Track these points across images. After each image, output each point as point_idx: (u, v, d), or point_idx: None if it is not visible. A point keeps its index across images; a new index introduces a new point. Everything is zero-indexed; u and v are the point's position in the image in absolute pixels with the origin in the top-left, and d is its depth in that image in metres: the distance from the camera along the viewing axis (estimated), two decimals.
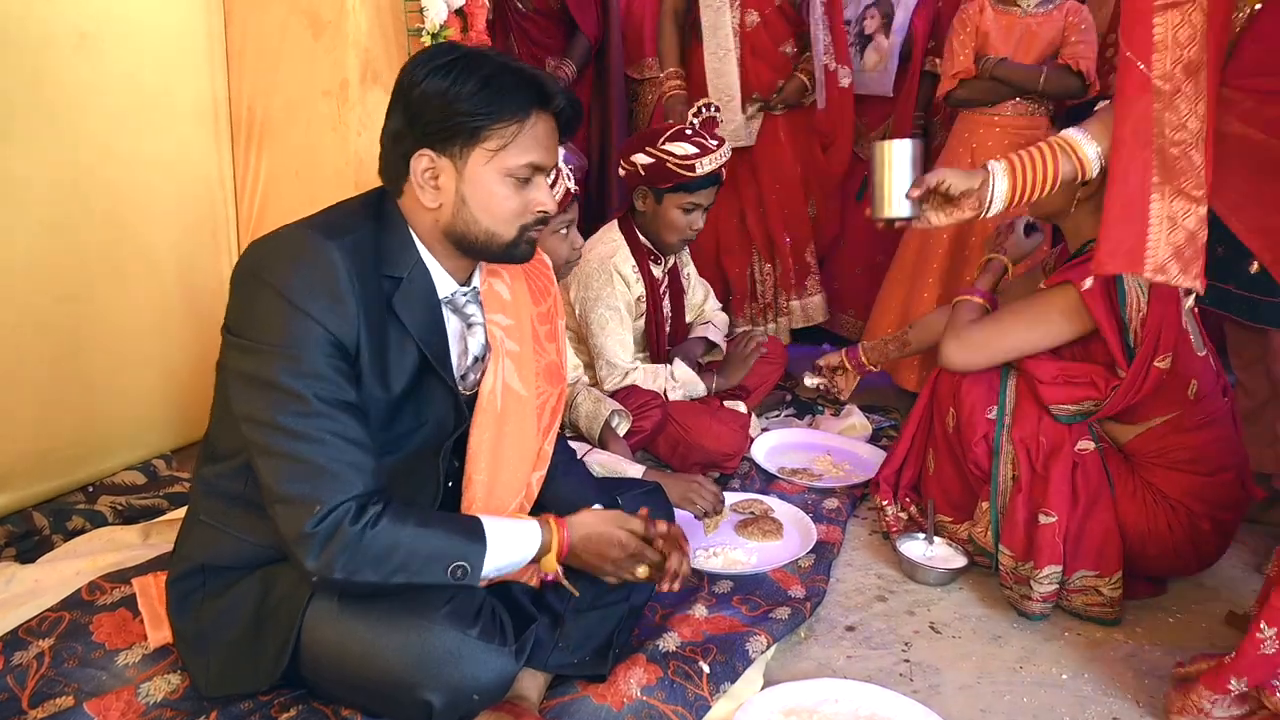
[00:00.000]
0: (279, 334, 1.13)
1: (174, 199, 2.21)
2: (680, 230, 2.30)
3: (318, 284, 1.14)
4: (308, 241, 1.17)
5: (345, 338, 1.16)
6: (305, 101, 2.23)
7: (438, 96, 1.18)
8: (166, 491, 2.07)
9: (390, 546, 1.13)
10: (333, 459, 1.12)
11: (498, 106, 1.19)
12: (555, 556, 1.29)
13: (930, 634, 1.69)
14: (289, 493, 1.12)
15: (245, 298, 1.18)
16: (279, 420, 1.11)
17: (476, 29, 2.25)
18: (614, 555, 1.32)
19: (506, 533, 1.24)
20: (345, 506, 1.12)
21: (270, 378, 1.12)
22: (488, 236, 1.26)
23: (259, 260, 1.18)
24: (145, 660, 1.41)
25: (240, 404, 1.16)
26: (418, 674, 1.16)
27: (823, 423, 2.69)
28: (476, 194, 1.23)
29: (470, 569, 1.18)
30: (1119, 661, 1.61)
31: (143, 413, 2.20)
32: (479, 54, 1.22)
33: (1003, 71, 2.65)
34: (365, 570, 1.13)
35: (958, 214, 1.54)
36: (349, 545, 1.11)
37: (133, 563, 1.67)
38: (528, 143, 1.23)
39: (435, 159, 1.22)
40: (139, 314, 2.15)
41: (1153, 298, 1.70)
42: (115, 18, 2.01)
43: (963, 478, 1.91)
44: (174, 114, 2.19)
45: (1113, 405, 1.74)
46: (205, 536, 1.30)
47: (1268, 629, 1.29)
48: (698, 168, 2.20)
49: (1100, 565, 1.72)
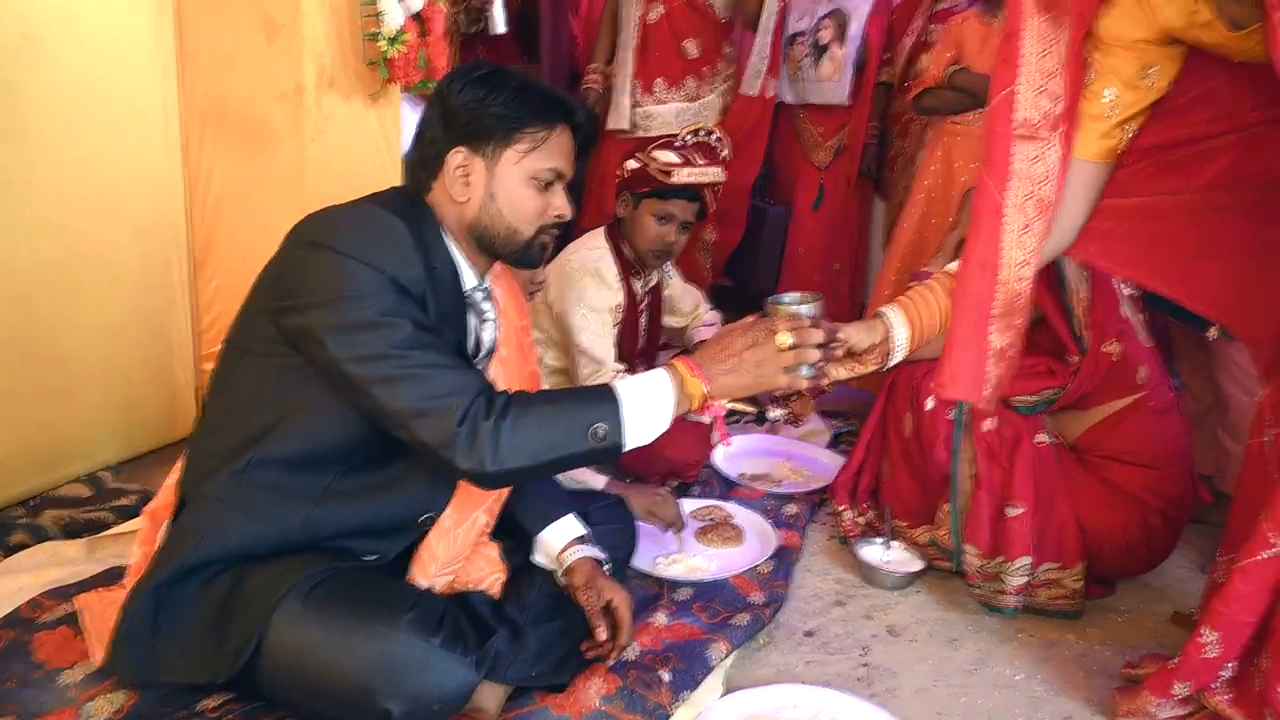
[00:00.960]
0: (359, 283, 1.18)
1: (125, 203, 2.16)
2: (652, 240, 2.28)
3: (388, 245, 1.21)
4: (373, 213, 1.24)
5: (415, 290, 1.23)
6: (260, 105, 2.20)
7: (474, 102, 1.29)
8: (113, 505, 2.01)
9: (526, 429, 1.17)
10: (448, 367, 1.19)
11: (529, 112, 1.31)
12: (695, 379, 1.26)
13: (888, 638, 1.71)
14: (423, 406, 1.16)
15: (299, 267, 1.22)
16: (386, 349, 1.16)
17: (434, 34, 2.24)
18: (746, 353, 1.26)
19: (634, 386, 1.25)
20: (477, 404, 1.16)
21: (363, 318, 1.17)
22: (509, 233, 1.34)
23: (317, 229, 1.24)
24: (88, 680, 1.36)
25: (341, 351, 1.18)
26: (378, 681, 1.14)
27: (782, 429, 2.71)
28: (504, 191, 1.32)
29: (610, 428, 1.20)
30: (1071, 661, 1.64)
31: (90, 423, 2.14)
32: (508, 71, 1.35)
33: (961, 80, 2.72)
34: (513, 457, 1.17)
35: (861, 368, 1.52)
36: (490, 437, 1.15)
37: (76, 579, 1.62)
38: (553, 149, 1.34)
39: (469, 156, 1.31)
40: (87, 320, 2.10)
41: (1093, 288, 1.75)
42: (62, 20, 1.96)
43: (919, 483, 1.94)
44: (125, 117, 2.14)
45: (1072, 393, 1.79)
46: (216, 510, 1.27)
47: (1209, 634, 1.30)
48: (674, 175, 2.21)
49: (1062, 557, 1.76)
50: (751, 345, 1.26)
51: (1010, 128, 1.34)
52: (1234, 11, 1.26)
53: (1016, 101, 1.34)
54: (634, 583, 1.79)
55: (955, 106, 2.78)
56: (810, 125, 3.43)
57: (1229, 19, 1.27)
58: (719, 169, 2.29)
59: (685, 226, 2.31)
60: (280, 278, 1.25)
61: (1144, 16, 1.33)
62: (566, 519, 1.51)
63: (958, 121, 2.79)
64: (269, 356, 1.25)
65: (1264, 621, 1.26)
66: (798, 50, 3.34)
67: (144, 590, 1.26)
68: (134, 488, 2.10)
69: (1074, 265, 1.75)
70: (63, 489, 2.05)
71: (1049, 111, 1.35)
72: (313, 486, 1.28)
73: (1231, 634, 1.28)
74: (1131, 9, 1.34)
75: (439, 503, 1.38)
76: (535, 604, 1.44)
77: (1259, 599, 1.26)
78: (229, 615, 1.22)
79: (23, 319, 1.95)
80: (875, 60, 3.23)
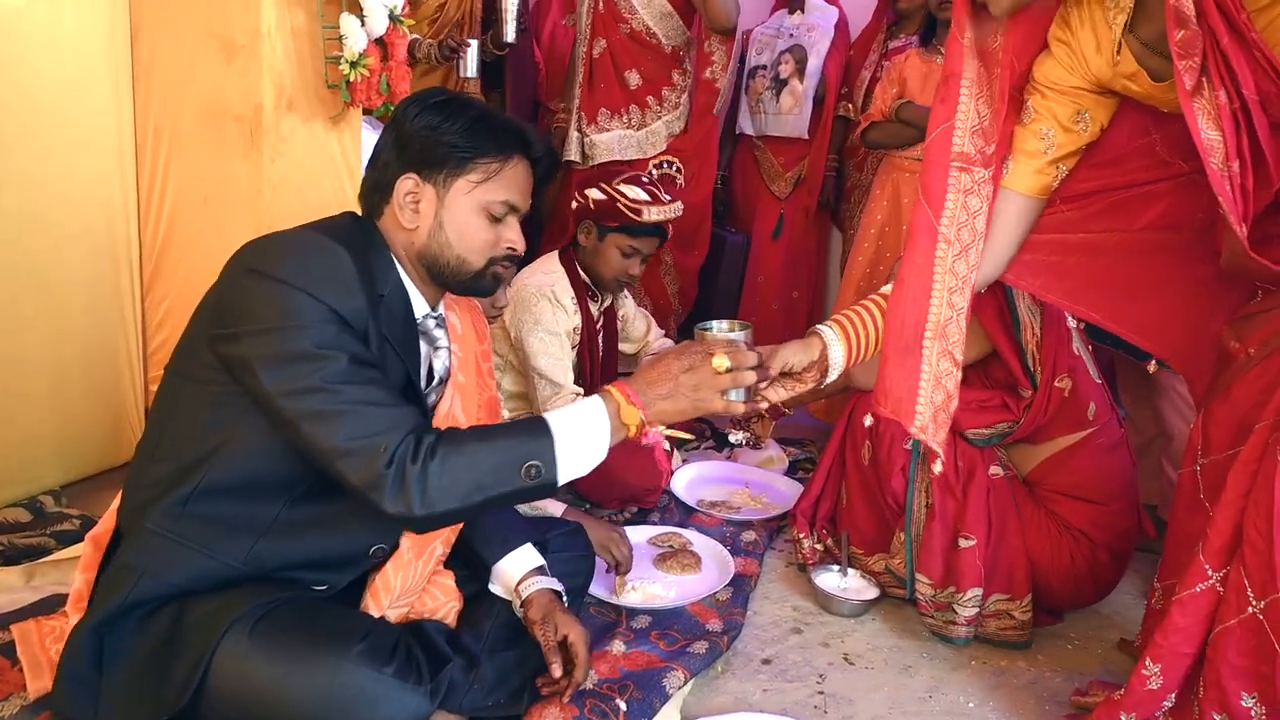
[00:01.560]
0: (299, 313, 1.14)
1: (73, 223, 2.11)
2: (616, 270, 2.32)
3: (327, 276, 1.17)
4: (317, 241, 1.20)
5: (356, 324, 1.18)
6: (215, 125, 2.17)
7: (429, 129, 1.27)
8: (54, 530, 1.95)
9: (455, 470, 1.12)
10: (381, 404, 1.14)
11: (484, 142, 1.28)
12: (631, 407, 1.21)
13: (844, 665, 1.71)
14: (350, 445, 1.11)
15: (242, 294, 1.17)
16: (319, 382, 1.12)
17: (396, 59, 2.24)
18: (683, 377, 1.23)
19: (569, 418, 1.20)
20: (405, 444, 1.12)
21: (298, 349, 1.13)
22: (458, 263, 1.31)
23: (259, 256, 1.19)
24: (24, 713, 1.31)
25: (272, 384, 1.13)
26: (329, 714, 1.11)
27: (741, 455, 2.72)
28: (453, 221, 1.29)
29: (543, 464, 1.16)
30: (1022, 689, 1.67)
31: (31, 445, 2.07)
32: (468, 99, 1.33)
33: (906, 114, 2.80)
34: (442, 500, 1.12)
35: (799, 387, 1.54)
36: (418, 481, 1.11)
37: (13, 606, 1.56)
38: (507, 181, 1.31)
39: (419, 183, 1.29)
40: (30, 341, 2.04)
41: (1045, 323, 1.80)
42: (12, 36, 1.93)
43: (876, 511, 1.96)
44: (76, 135, 2.10)
45: (1025, 426, 1.83)
46: (154, 545, 1.21)
47: (1152, 665, 1.33)
48: (644, 214, 2.24)
49: (1012, 589, 1.78)
50: (688, 369, 1.23)
51: (947, 159, 1.40)
52: (1152, 64, 1.34)
53: (954, 137, 1.41)
54: (591, 610, 1.78)
55: (901, 140, 2.85)
56: (770, 156, 3.49)
57: (1149, 71, 1.34)
58: (679, 203, 2.33)
59: (645, 259, 2.35)
60: (220, 304, 1.21)
61: (1076, 65, 1.42)
62: (524, 549, 1.49)
63: (905, 155, 2.86)
64: (208, 384, 1.20)
65: (1200, 651, 1.29)
66: (758, 83, 3.41)
67: (83, 629, 1.21)
68: (75, 513, 2.04)
69: (1026, 302, 1.80)
70: (1, 513, 1.98)
71: (982, 148, 1.41)
72: (257, 519, 1.23)
73: (1172, 665, 1.31)
74: (1065, 59, 1.43)
75: (391, 535, 1.34)
76: (491, 633, 1.42)
77: (1197, 630, 1.28)
78: (171, 651, 1.18)
79: None
80: (833, 94, 3.30)
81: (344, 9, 2.16)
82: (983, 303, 1.81)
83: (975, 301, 1.81)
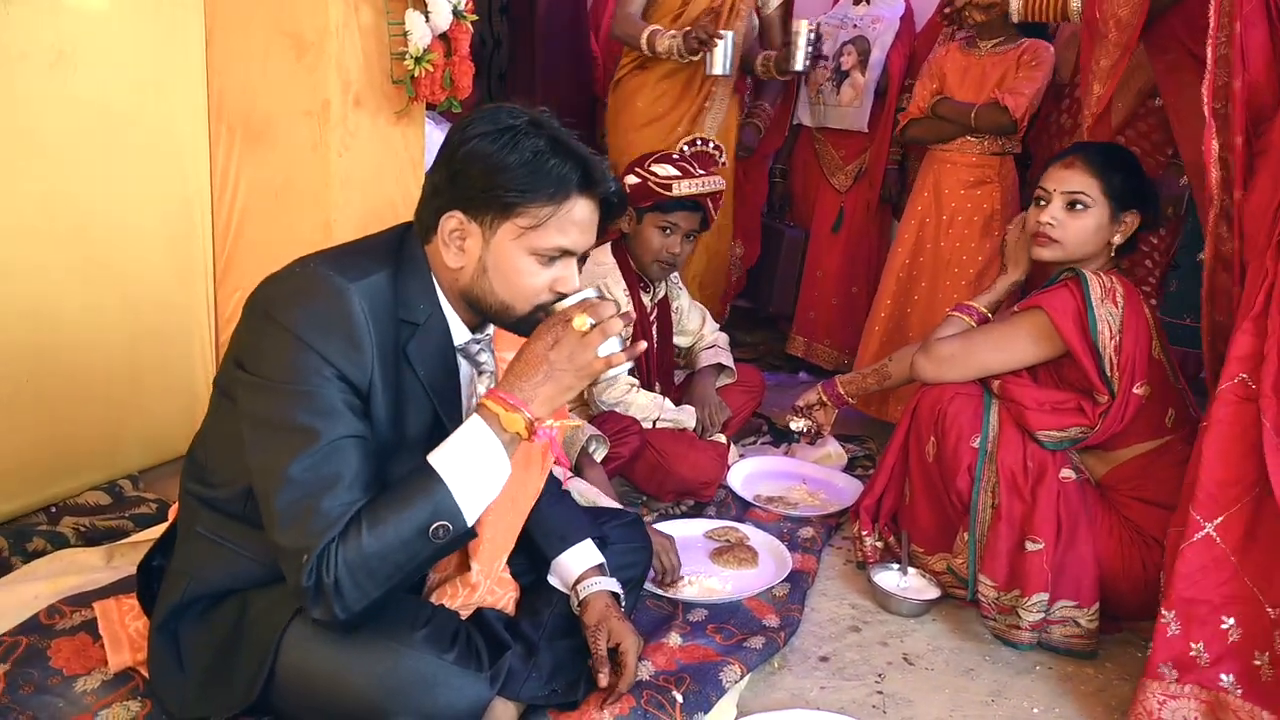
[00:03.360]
0: (291, 372, 1.12)
1: (148, 217, 2.19)
2: (655, 251, 2.32)
3: (334, 327, 1.13)
4: (325, 283, 1.15)
5: (358, 381, 1.15)
6: (286, 122, 2.22)
7: (480, 161, 1.17)
8: (132, 513, 2.03)
9: (366, 567, 1.10)
10: (328, 500, 1.10)
11: (536, 185, 1.17)
12: (511, 413, 1.15)
13: (903, 665, 1.69)
14: (283, 543, 1.11)
15: (258, 336, 1.17)
16: (289, 470, 1.10)
17: (460, 54, 2.26)
18: (551, 354, 1.17)
19: (456, 457, 1.15)
20: (325, 553, 1.09)
21: (283, 417, 1.11)
22: (502, 308, 1.24)
23: (273, 299, 1.17)
24: (104, 687, 1.37)
25: (255, 454, 1.14)
26: (389, 700, 1.14)
27: (798, 451, 2.70)
28: (499, 266, 1.21)
29: (450, 518, 1.12)
30: (1090, 696, 1.62)
31: (109, 432, 2.16)
32: (534, 125, 1.20)
33: (943, 109, 2.74)
34: (361, 598, 1.10)
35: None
36: (335, 594, 1.09)
37: (95, 585, 1.63)
38: (562, 225, 1.20)
39: (465, 222, 1.20)
40: (107, 331, 2.12)
41: (1125, 326, 1.74)
42: (92, 36, 2.00)
43: (939, 508, 1.92)
44: (151, 132, 2.17)
45: (1100, 433, 1.77)
46: (201, 550, 1.26)
47: (1167, 613, 1.47)
48: (674, 188, 2.25)
49: (1079, 596, 1.73)
50: (553, 344, 1.16)
51: None
52: None
53: None
54: (648, 603, 1.78)
55: (939, 135, 2.79)
56: (830, 149, 3.44)
57: None
58: (718, 177, 2.33)
59: (689, 236, 2.34)
60: (239, 339, 1.21)
61: None
62: (584, 545, 1.49)
63: (946, 149, 2.80)
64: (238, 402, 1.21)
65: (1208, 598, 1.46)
66: (819, 74, 3.35)
67: (153, 631, 1.27)
68: (152, 496, 2.12)
69: (1106, 305, 1.74)
70: (82, 496, 2.06)
71: None
72: None
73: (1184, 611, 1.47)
74: None
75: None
76: (550, 622, 1.43)
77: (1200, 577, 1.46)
78: (239, 645, 1.21)
79: (46, 330, 1.97)
80: (896, 88, 3.24)
81: (409, 5, 2.19)
82: (1059, 303, 1.76)
83: (1050, 301, 1.77)
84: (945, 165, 2.80)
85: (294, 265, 1.22)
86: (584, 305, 1.19)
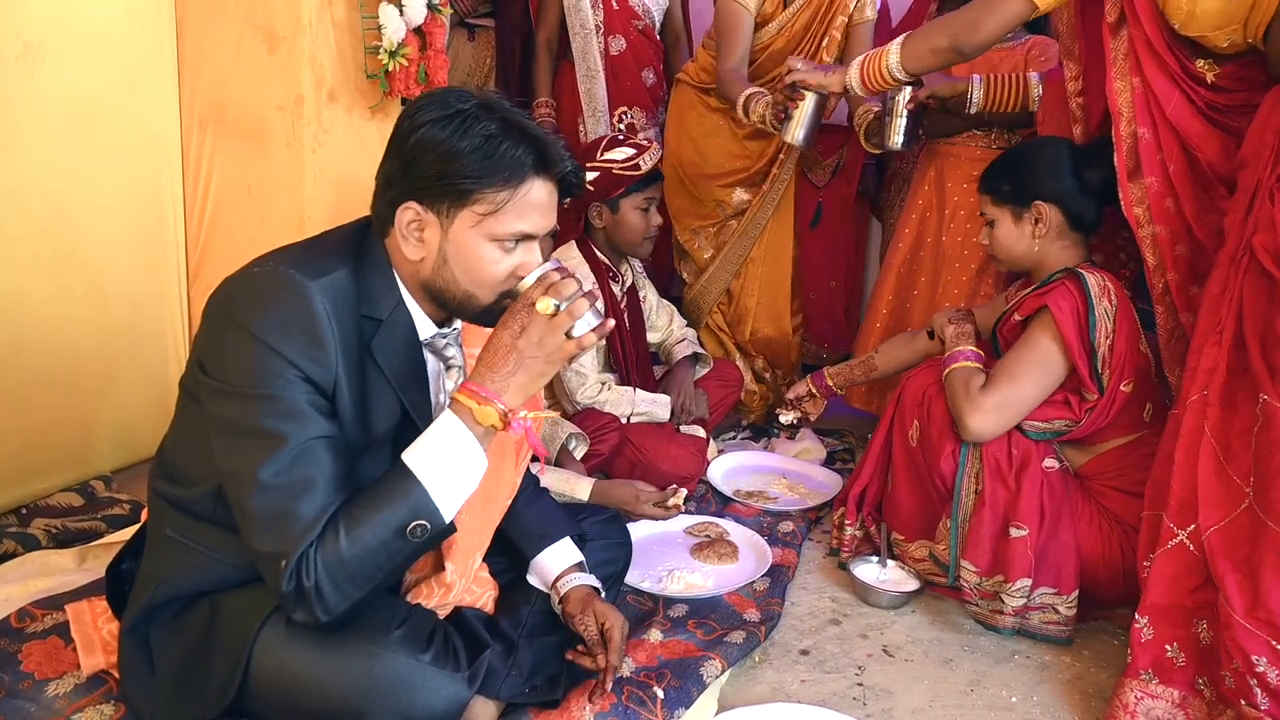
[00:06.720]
0: (254, 376, 1.10)
1: (120, 212, 2.16)
2: (643, 230, 2.37)
3: (295, 327, 1.11)
4: (285, 282, 1.13)
5: (322, 381, 1.13)
6: (259, 116, 2.20)
7: (432, 149, 1.14)
8: (105, 514, 2.00)
9: (346, 570, 1.09)
10: (302, 503, 1.09)
11: (490, 170, 1.15)
12: (484, 406, 1.14)
13: (883, 657, 1.70)
14: (260, 548, 1.10)
15: (219, 339, 1.14)
16: (260, 475, 1.08)
17: (435, 48, 2.24)
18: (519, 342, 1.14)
19: (431, 455, 1.14)
20: (303, 559, 1.08)
21: (249, 423, 1.10)
22: (465, 297, 1.22)
23: (233, 300, 1.14)
24: (77, 690, 1.35)
25: (224, 459, 1.12)
26: (366, 701, 1.12)
27: (778, 446, 2.71)
28: (459, 255, 1.19)
29: (428, 516, 1.11)
30: (1066, 684, 1.64)
31: (81, 430, 2.13)
32: (484, 108, 1.17)
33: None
34: (341, 601, 1.10)
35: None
36: (316, 599, 1.09)
37: (67, 588, 1.61)
38: (520, 209, 1.18)
39: (421, 213, 1.18)
40: (79, 329, 2.09)
41: (1118, 325, 1.76)
42: (61, 27, 1.97)
43: (921, 494, 1.93)
44: (123, 125, 2.14)
45: (1084, 428, 1.79)
46: (171, 552, 1.24)
47: (1140, 618, 1.51)
48: (641, 165, 2.31)
49: (1060, 583, 1.75)
50: (520, 331, 1.14)
51: None
52: None
53: None
54: (628, 598, 1.78)
55: (941, 129, 2.79)
56: None
57: None
58: (656, 145, 2.42)
59: (658, 205, 2.42)
60: (201, 341, 1.18)
61: None
62: (562, 543, 1.48)
63: (950, 143, 2.80)
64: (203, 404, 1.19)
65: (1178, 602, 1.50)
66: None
67: (125, 636, 1.25)
68: (125, 497, 2.09)
69: (1104, 304, 1.76)
70: (53, 498, 2.03)
71: None
72: None
73: (1157, 617, 1.51)
74: None
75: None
76: (529, 620, 1.43)
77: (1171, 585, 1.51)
78: (211, 648, 1.19)
79: (16, 325, 1.94)
80: None
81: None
82: (1064, 301, 1.77)
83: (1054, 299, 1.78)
84: (949, 159, 2.78)
85: (253, 264, 1.19)
86: (545, 284, 1.16)
